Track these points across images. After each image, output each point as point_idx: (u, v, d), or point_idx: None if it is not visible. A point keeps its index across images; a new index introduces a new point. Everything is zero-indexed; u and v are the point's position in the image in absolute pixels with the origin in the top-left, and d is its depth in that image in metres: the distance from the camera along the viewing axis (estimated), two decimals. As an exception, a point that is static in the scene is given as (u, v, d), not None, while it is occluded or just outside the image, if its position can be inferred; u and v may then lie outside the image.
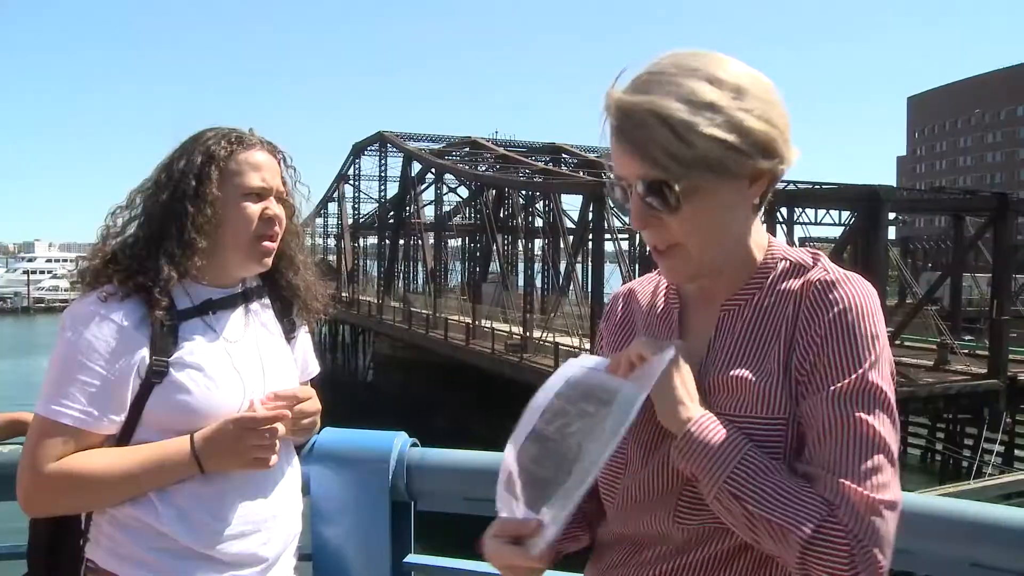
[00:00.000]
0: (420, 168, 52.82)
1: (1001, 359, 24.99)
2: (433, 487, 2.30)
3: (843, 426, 1.22)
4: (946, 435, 27.69)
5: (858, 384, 1.24)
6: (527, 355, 31.80)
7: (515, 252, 49.27)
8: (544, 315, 37.44)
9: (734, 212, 1.34)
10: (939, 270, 39.63)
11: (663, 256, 1.36)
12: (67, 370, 1.78)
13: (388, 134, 57.12)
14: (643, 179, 1.28)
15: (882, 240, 24.02)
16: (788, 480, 1.23)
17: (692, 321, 1.46)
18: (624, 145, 1.28)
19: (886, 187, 25.38)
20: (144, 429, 1.85)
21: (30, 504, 1.83)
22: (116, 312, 1.82)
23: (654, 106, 1.24)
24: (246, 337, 1.99)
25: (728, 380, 1.33)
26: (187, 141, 1.96)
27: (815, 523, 1.18)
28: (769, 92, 1.31)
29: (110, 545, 1.84)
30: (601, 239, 33.56)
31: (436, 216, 52.95)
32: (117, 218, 1.97)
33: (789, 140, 1.32)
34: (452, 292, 52.73)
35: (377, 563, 2.28)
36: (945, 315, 31.37)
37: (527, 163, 49.98)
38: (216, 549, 1.85)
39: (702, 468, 1.26)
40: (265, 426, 1.85)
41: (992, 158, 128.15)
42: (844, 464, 1.21)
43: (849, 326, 1.27)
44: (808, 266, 1.37)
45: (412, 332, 42.20)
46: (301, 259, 2.13)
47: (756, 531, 1.22)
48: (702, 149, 1.24)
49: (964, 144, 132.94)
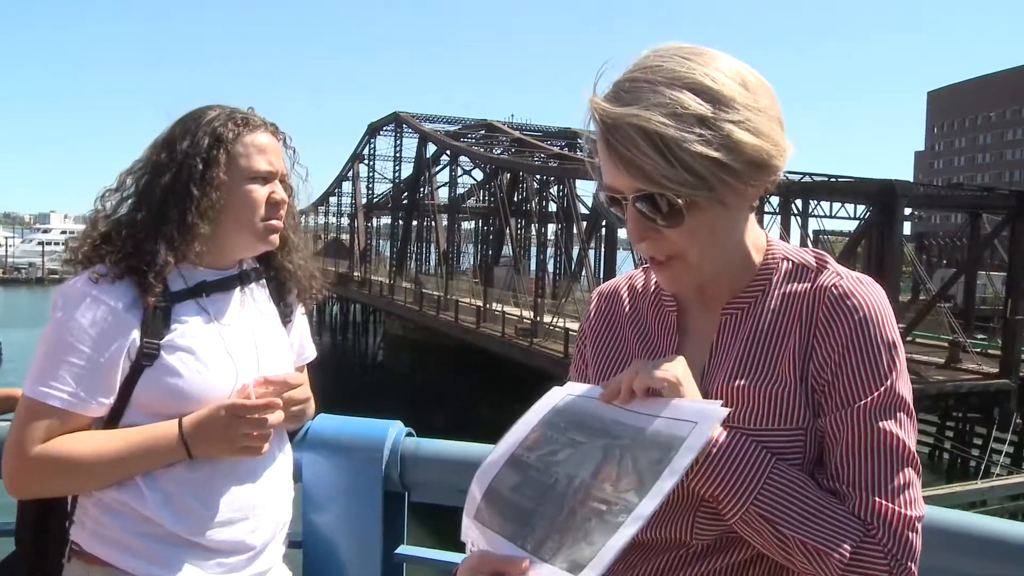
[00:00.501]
0: (435, 150, 52.82)
1: (1014, 359, 24.87)
2: (427, 478, 2.25)
3: (873, 442, 1.20)
4: (955, 434, 27.58)
5: (885, 398, 1.21)
6: (537, 340, 31.79)
7: (528, 236, 49.27)
8: (555, 300, 37.38)
9: (734, 220, 1.30)
10: (954, 267, 39.41)
11: (663, 267, 1.30)
12: (56, 351, 1.75)
13: (404, 115, 57.12)
14: (638, 193, 1.22)
15: (897, 235, 23.92)
16: (819, 497, 1.19)
17: (691, 325, 1.40)
18: (614, 158, 1.21)
19: (903, 182, 25.20)
20: (133, 412, 1.81)
21: (15, 486, 1.79)
22: (108, 294, 1.77)
23: (640, 121, 1.17)
24: (240, 320, 1.94)
25: (737, 389, 1.28)
26: (187, 120, 1.90)
27: (854, 544, 1.16)
28: (758, 96, 1.24)
29: (95, 528, 1.81)
30: (614, 225, 33.49)
31: (450, 198, 52.97)
32: (107, 201, 1.91)
33: (781, 145, 1.26)
34: (464, 275, 52.82)
35: (368, 553, 2.24)
36: (958, 313, 31.29)
37: (542, 147, 49.88)
38: (203, 536, 1.81)
39: (725, 489, 1.19)
40: (256, 414, 1.80)
41: (1012, 155, 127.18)
42: (876, 482, 1.19)
43: (871, 336, 1.23)
44: (812, 267, 1.33)
45: (423, 313, 42.27)
46: (295, 240, 2.08)
47: (790, 552, 1.18)
48: (693, 167, 1.18)
49: (983, 141, 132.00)
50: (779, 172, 1.27)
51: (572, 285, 36.69)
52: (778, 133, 1.25)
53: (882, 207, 23.44)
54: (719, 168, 1.19)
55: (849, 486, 1.20)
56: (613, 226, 32.93)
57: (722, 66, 1.23)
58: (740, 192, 1.24)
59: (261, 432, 1.82)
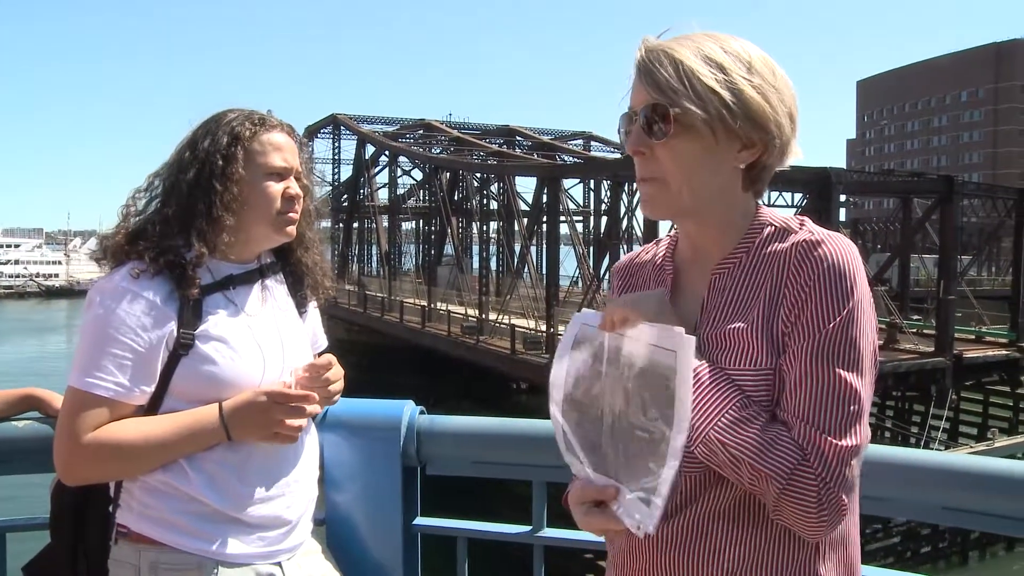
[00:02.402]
0: (374, 151, 52.70)
1: (947, 338, 25.61)
2: (441, 452, 2.39)
3: (815, 379, 1.32)
4: (895, 412, 28.32)
5: (832, 336, 1.33)
6: (483, 337, 31.87)
7: (470, 235, 49.31)
8: (499, 297, 37.51)
9: (718, 164, 1.42)
10: (888, 251, 40.39)
11: (646, 184, 1.46)
12: (100, 344, 1.86)
13: (341, 116, 56.77)
14: (646, 103, 1.40)
15: (834, 221, 24.38)
16: (768, 428, 1.33)
17: (686, 283, 1.55)
18: (640, 77, 1.43)
19: (837, 169, 25.74)
20: (172, 399, 1.93)
21: (70, 473, 1.91)
22: (147, 289, 1.89)
23: (672, 51, 1.39)
24: (264, 311, 2.07)
25: (719, 335, 1.42)
26: (208, 122, 2.03)
27: (790, 468, 1.29)
28: (777, 79, 1.42)
29: (142, 510, 1.93)
30: (555, 221, 33.77)
31: (390, 199, 52.82)
32: (139, 200, 2.04)
33: (786, 127, 1.43)
34: (407, 275, 52.66)
35: (389, 525, 2.37)
36: (894, 295, 32.00)
37: (481, 145, 50.10)
38: (244, 512, 1.95)
39: (697, 412, 1.33)
40: (295, 403, 1.94)
41: (938, 142, 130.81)
42: (814, 414, 1.31)
43: (831, 283, 1.35)
44: (794, 230, 1.44)
45: (368, 315, 42.15)
46: (311, 237, 2.21)
47: (739, 473, 1.32)
48: (700, 92, 1.37)
49: (911, 128, 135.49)
50: (779, 143, 1.43)
51: (515, 281, 36.81)
52: (783, 116, 1.42)
53: (818, 194, 23.87)
54: (722, 105, 1.37)
55: (793, 417, 1.33)
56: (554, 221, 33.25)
57: (756, 50, 1.43)
58: (731, 136, 1.40)
59: (297, 420, 1.95)
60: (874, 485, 1.92)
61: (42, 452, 1.98)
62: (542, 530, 2.31)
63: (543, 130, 60.89)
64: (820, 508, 1.29)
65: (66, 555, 2.04)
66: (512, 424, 2.34)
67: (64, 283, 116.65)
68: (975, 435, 26.39)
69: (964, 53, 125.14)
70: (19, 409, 2.27)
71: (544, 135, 59.19)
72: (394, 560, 2.37)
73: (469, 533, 2.40)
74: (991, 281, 52.36)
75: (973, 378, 27.00)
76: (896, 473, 1.93)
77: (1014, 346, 27.92)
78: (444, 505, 2.55)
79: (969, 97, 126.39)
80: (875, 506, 1.95)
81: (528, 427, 2.29)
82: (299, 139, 2.13)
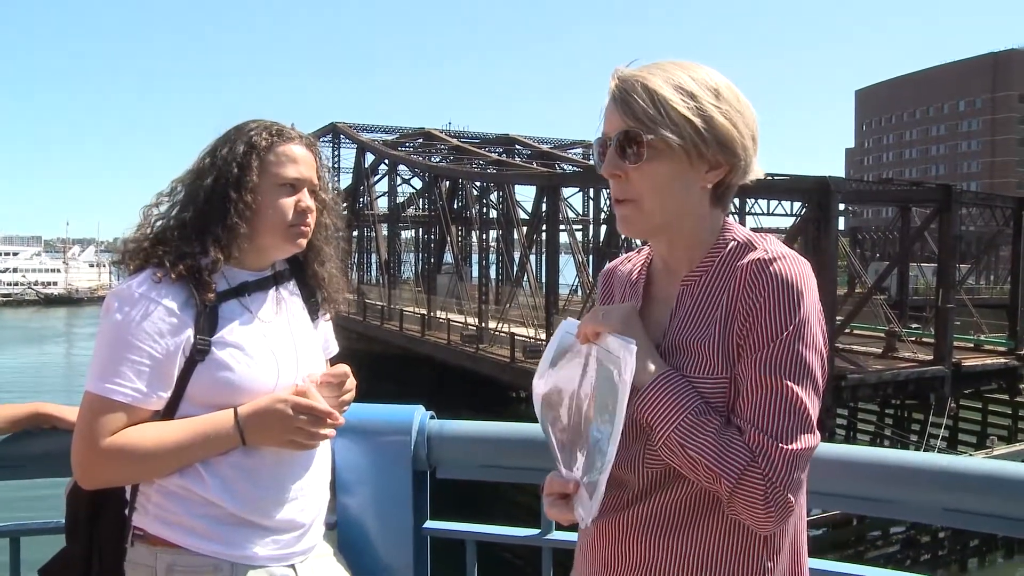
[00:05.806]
0: (373, 159, 52.69)
1: (946, 346, 25.63)
2: (451, 456, 2.43)
3: (765, 387, 1.44)
4: (894, 420, 28.34)
5: (781, 348, 1.44)
6: (483, 345, 31.86)
7: (469, 243, 49.30)
8: (499, 306, 37.50)
9: (688, 185, 1.54)
10: (887, 260, 40.39)
11: (621, 206, 1.57)
12: (118, 349, 1.88)
13: (341, 125, 56.77)
14: (620, 130, 1.51)
15: (833, 230, 24.45)
16: (723, 432, 1.44)
17: (657, 293, 1.67)
18: (615, 105, 1.53)
19: (836, 178, 25.80)
20: (187, 404, 1.95)
21: (88, 477, 1.93)
22: (165, 295, 1.92)
23: (646, 80, 1.50)
24: (278, 319, 2.10)
25: (682, 344, 1.55)
26: (230, 131, 2.07)
27: (740, 469, 1.41)
28: (742, 106, 1.54)
29: (158, 513, 1.95)
30: (555, 230, 33.75)
31: (390, 207, 52.84)
32: (161, 204, 2.06)
33: (750, 149, 1.55)
34: (406, 283, 52.63)
35: (400, 529, 2.40)
36: (893, 304, 32.06)
37: (481, 154, 50.11)
38: (259, 515, 1.98)
39: (658, 415, 1.47)
40: (324, 416, 1.97)
41: (936, 151, 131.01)
42: (762, 420, 1.42)
43: (779, 296, 1.45)
44: (755, 246, 1.54)
45: (367, 324, 42.06)
46: (328, 251, 2.23)
47: (696, 472, 1.45)
48: (673, 119, 1.48)
49: (910, 137, 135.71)
50: (742, 166, 1.55)
51: (515, 290, 36.81)
52: (748, 139, 1.54)
53: (818, 203, 23.92)
54: (695, 131, 1.49)
55: (745, 422, 1.44)
56: (554, 230, 33.27)
57: (720, 77, 1.55)
58: (701, 159, 1.51)
59: (322, 430, 1.98)
60: (875, 487, 2.00)
61: (56, 457, 2.00)
62: (551, 533, 2.34)
63: (542, 139, 60.89)
64: (767, 506, 1.40)
65: (81, 558, 2.06)
66: (521, 429, 2.37)
67: (62, 291, 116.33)
68: (974, 443, 26.42)
69: (961, 63, 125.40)
70: (28, 424, 2.25)
71: (543, 144, 59.20)
72: (405, 563, 2.41)
73: (479, 536, 2.44)
74: (989, 290, 52.30)
75: (972, 386, 27.03)
76: (897, 475, 1.98)
77: (1012, 354, 27.99)
78: (445, 509, 2.58)
79: (967, 107, 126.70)
80: (877, 508, 2.00)
81: (537, 431, 2.28)
82: (319, 153, 2.16)
